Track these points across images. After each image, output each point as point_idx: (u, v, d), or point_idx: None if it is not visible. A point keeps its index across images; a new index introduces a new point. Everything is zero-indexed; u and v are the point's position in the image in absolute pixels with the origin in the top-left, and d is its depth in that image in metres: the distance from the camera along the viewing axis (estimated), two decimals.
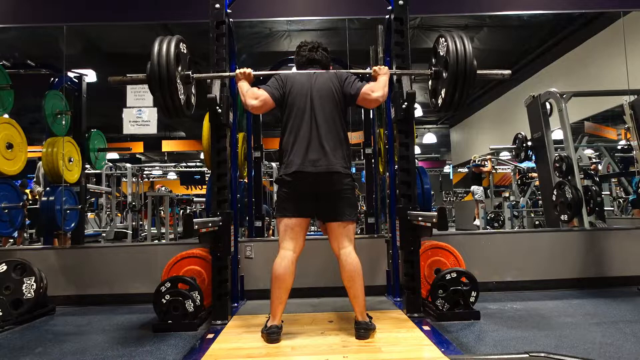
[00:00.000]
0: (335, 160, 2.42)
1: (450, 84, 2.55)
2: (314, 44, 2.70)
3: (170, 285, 2.91)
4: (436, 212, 2.37)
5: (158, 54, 2.44)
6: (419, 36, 6.82)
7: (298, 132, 2.45)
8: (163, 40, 2.50)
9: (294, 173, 2.41)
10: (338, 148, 2.46)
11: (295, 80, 2.55)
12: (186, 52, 2.71)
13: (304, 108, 2.48)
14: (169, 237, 7.05)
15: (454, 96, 2.57)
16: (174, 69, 2.46)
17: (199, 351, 2.26)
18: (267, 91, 2.51)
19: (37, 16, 4.44)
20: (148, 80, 2.49)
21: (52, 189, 4.28)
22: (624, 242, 4.07)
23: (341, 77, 2.57)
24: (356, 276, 2.40)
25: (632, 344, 2.38)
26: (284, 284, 2.39)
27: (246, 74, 2.61)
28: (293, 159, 2.42)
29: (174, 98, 2.50)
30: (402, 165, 3.04)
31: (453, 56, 2.53)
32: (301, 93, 2.50)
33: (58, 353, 2.49)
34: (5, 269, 3.23)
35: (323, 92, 2.50)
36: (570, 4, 4.67)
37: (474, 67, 2.54)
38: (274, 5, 4.53)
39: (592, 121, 6.60)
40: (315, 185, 2.42)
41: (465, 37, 2.59)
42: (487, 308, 3.25)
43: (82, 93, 4.72)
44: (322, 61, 2.68)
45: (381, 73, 2.62)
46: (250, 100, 2.50)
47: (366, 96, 2.50)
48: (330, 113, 2.48)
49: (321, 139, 2.43)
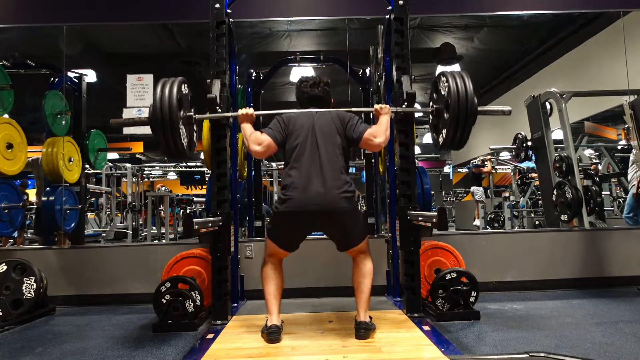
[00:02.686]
0: (337, 197, 2.36)
1: (451, 125, 2.57)
2: (315, 80, 2.68)
3: (170, 285, 2.91)
4: (436, 212, 2.37)
5: (160, 98, 2.45)
6: (419, 36, 6.82)
7: (300, 169, 2.40)
8: (165, 83, 2.52)
9: (294, 213, 2.37)
10: (340, 185, 2.39)
11: (297, 121, 2.51)
12: (188, 92, 2.71)
13: (307, 146, 2.43)
14: (169, 237, 7.05)
15: (455, 136, 2.59)
16: (176, 113, 2.47)
17: (199, 351, 2.26)
18: (270, 135, 2.47)
19: (37, 16, 4.45)
20: (150, 123, 2.49)
21: (52, 189, 4.28)
22: (624, 242, 4.07)
23: (343, 119, 2.53)
24: (367, 274, 2.48)
25: (632, 344, 2.38)
26: (274, 281, 2.46)
27: (248, 115, 2.60)
28: (294, 196, 2.36)
29: (176, 141, 2.50)
30: (402, 165, 3.04)
31: (454, 98, 2.54)
32: (303, 133, 2.46)
33: (58, 353, 2.49)
34: (5, 269, 3.23)
35: (325, 132, 2.47)
36: (570, 4, 4.67)
37: (475, 106, 2.55)
38: (274, 5, 4.53)
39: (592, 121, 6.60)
40: (318, 220, 2.41)
41: (466, 77, 2.60)
42: (487, 308, 3.25)
43: (82, 93, 4.73)
44: (323, 98, 2.66)
45: (383, 113, 2.61)
46: (253, 146, 2.47)
47: (368, 141, 2.48)
48: (332, 151, 2.44)
49: (323, 177, 2.37)
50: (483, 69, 8.60)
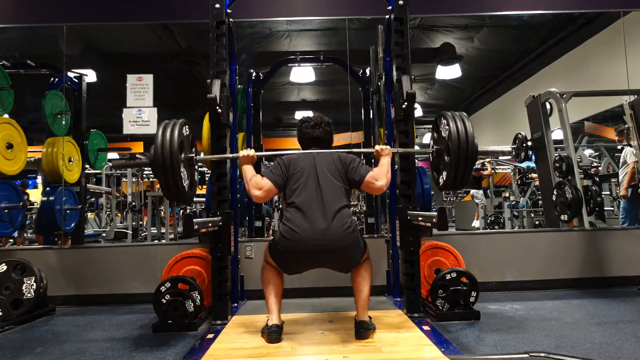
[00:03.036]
0: (341, 234, 2.34)
1: (452, 167, 2.59)
2: (317, 120, 2.66)
3: (170, 285, 2.91)
4: (436, 212, 2.37)
5: (162, 142, 2.45)
6: (419, 36, 6.82)
7: (302, 210, 2.37)
8: (167, 127, 2.51)
9: (295, 252, 2.36)
10: (344, 222, 2.36)
11: (298, 163, 2.49)
12: (189, 133, 2.70)
13: (308, 188, 2.42)
14: (169, 237, 7.05)
15: (456, 178, 2.60)
16: (177, 156, 2.47)
17: (199, 351, 2.26)
18: (270, 179, 2.45)
19: (37, 16, 4.45)
20: (151, 165, 2.49)
21: (52, 189, 4.27)
22: (624, 242, 4.07)
23: (345, 162, 2.52)
24: (367, 275, 2.48)
25: (632, 344, 2.38)
26: (273, 280, 2.46)
27: (249, 157, 2.58)
28: (295, 236, 2.33)
29: (177, 183, 2.49)
30: (402, 165, 3.04)
31: (455, 141, 2.55)
32: (305, 175, 2.45)
33: (58, 353, 2.49)
34: (5, 269, 3.23)
35: (327, 175, 2.45)
36: (570, 4, 4.67)
37: (475, 148, 2.56)
38: (274, 5, 4.53)
39: (592, 121, 6.60)
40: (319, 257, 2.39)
41: (466, 119, 2.62)
42: (487, 308, 3.25)
43: (82, 93, 4.72)
44: (325, 138, 2.66)
45: (383, 154, 2.59)
46: (254, 190, 2.45)
47: (370, 185, 2.46)
48: (334, 193, 2.42)
49: (326, 215, 2.35)
50: (483, 69, 8.60)
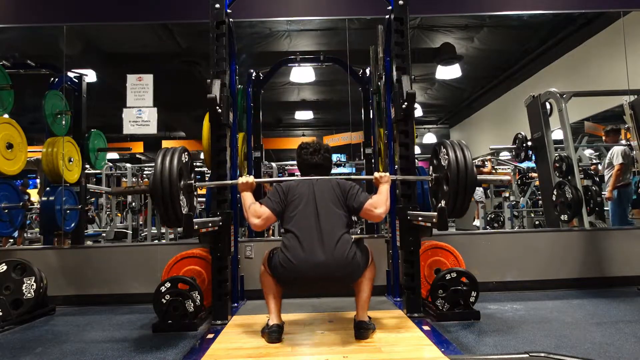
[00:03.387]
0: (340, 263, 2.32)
1: (451, 197, 2.59)
2: (316, 147, 2.66)
3: (170, 285, 2.91)
4: (436, 212, 2.37)
5: (161, 170, 2.43)
6: (419, 36, 6.81)
7: (301, 237, 2.36)
8: (166, 155, 2.50)
9: (293, 279, 2.35)
10: (345, 250, 2.34)
11: (296, 190, 2.49)
12: (188, 160, 2.69)
13: (307, 214, 2.41)
14: (169, 237, 7.05)
15: (455, 207, 2.60)
16: (176, 184, 2.45)
17: (199, 351, 2.26)
18: (269, 207, 2.45)
19: (37, 16, 4.45)
20: (151, 193, 2.47)
21: (52, 189, 4.27)
22: (624, 242, 4.07)
23: (344, 189, 2.51)
24: (369, 276, 2.47)
25: (632, 344, 2.38)
26: (272, 283, 2.44)
27: (248, 183, 2.58)
28: (295, 264, 2.32)
29: (177, 211, 2.47)
30: (402, 165, 3.04)
31: (454, 171, 2.56)
32: (303, 202, 2.44)
33: (58, 353, 2.49)
34: (5, 269, 3.23)
35: (326, 201, 2.45)
36: (570, 4, 4.67)
37: (474, 176, 2.57)
38: (274, 5, 4.53)
39: (592, 121, 6.60)
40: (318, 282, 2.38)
41: (465, 149, 2.63)
42: (487, 308, 3.25)
43: (82, 93, 4.72)
44: (324, 165, 2.66)
45: (383, 182, 2.58)
46: (253, 219, 2.45)
47: (369, 212, 2.46)
48: (333, 219, 2.41)
49: (324, 243, 2.33)
50: (483, 69, 8.60)
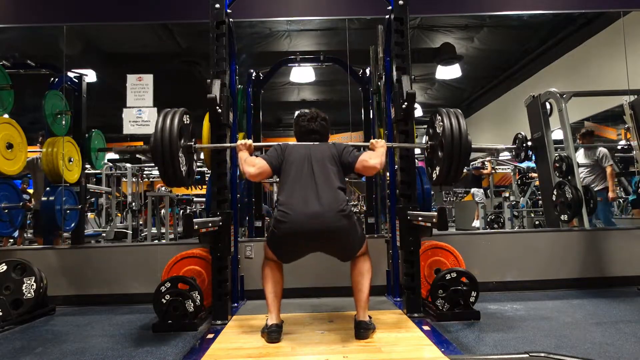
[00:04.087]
0: (334, 215, 2.34)
1: (445, 163, 2.64)
2: (313, 114, 2.70)
3: (170, 285, 2.91)
4: (436, 212, 2.37)
5: (161, 128, 2.48)
6: (419, 36, 6.82)
7: (295, 192, 2.39)
8: (167, 114, 2.55)
9: (291, 234, 2.36)
10: (337, 204, 2.37)
11: (293, 150, 2.56)
12: (189, 123, 2.73)
13: (302, 171, 2.45)
14: (169, 237, 7.05)
15: (449, 174, 2.65)
16: (176, 142, 2.50)
17: (199, 351, 2.26)
18: (266, 160, 2.51)
19: (37, 16, 4.45)
20: (151, 152, 2.52)
21: (52, 189, 4.27)
22: (624, 242, 4.07)
23: (339, 148, 2.58)
24: (365, 273, 2.48)
25: (632, 344, 2.38)
26: (273, 278, 2.47)
27: (247, 145, 2.65)
28: (290, 217, 2.34)
29: (176, 170, 2.53)
30: (402, 165, 3.04)
31: (448, 136, 2.60)
32: (299, 159, 2.49)
33: (58, 353, 2.49)
34: (5, 269, 3.23)
35: (321, 159, 2.50)
36: (570, 4, 4.67)
37: (468, 145, 2.61)
38: (274, 5, 4.53)
39: (592, 121, 6.60)
40: (315, 241, 2.40)
41: (460, 117, 2.66)
42: (487, 308, 3.25)
43: (82, 93, 4.72)
44: (320, 131, 2.69)
45: (378, 146, 2.65)
46: (248, 167, 2.50)
47: (364, 163, 2.50)
48: (328, 175, 2.45)
49: (319, 196, 2.36)
50: (483, 69, 8.60)
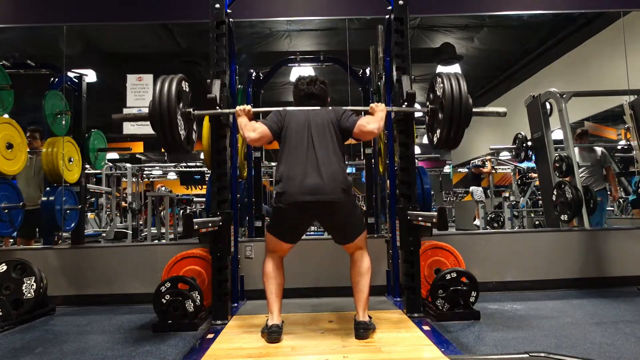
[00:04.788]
0: (334, 187, 2.37)
1: (445, 125, 2.60)
2: (312, 78, 2.72)
3: (170, 285, 2.91)
4: (436, 212, 2.37)
5: (160, 93, 2.49)
6: (419, 36, 6.82)
7: (295, 161, 2.43)
8: (165, 79, 2.56)
9: (291, 204, 2.37)
10: (337, 177, 2.40)
11: (293, 115, 2.57)
12: (188, 90, 2.74)
13: (302, 139, 2.47)
14: (169, 237, 7.05)
15: (450, 136, 2.62)
16: (174, 107, 2.50)
17: (199, 351, 2.26)
18: (266, 125, 2.53)
19: (37, 16, 4.44)
20: (149, 117, 2.52)
21: (52, 189, 4.27)
22: (624, 242, 4.07)
23: (338, 112, 2.58)
24: (365, 272, 2.48)
25: (632, 344, 2.38)
26: (275, 280, 2.47)
27: (246, 110, 2.65)
28: (290, 188, 2.37)
29: (175, 135, 2.53)
30: (402, 165, 3.04)
31: (448, 98, 2.57)
32: (299, 126, 2.51)
33: (58, 353, 2.49)
34: (5, 269, 3.23)
35: (320, 126, 2.51)
36: (570, 4, 4.67)
37: (469, 108, 2.57)
38: (274, 5, 4.53)
39: (592, 121, 6.60)
40: (315, 212, 2.43)
41: (461, 79, 2.62)
42: (487, 308, 3.25)
43: (82, 93, 4.72)
44: (320, 95, 2.69)
45: (378, 110, 2.64)
46: (248, 132, 2.51)
47: (362, 128, 2.51)
48: (327, 144, 2.47)
49: (319, 165, 2.39)
50: (483, 69, 8.60)
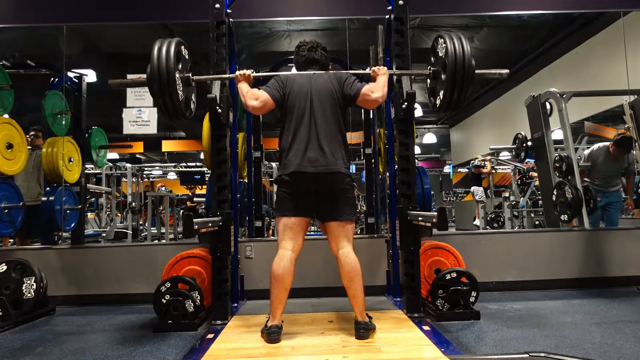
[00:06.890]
0: (335, 160, 2.44)
1: (449, 84, 2.55)
2: (313, 44, 2.72)
3: (170, 285, 2.91)
4: (436, 212, 2.37)
5: (158, 55, 2.45)
6: (419, 36, 6.82)
7: (297, 133, 2.47)
8: (163, 42, 2.51)
9: (293, 173, 2.43)
10: (337, 149, 2.48)
11: (295, 82, 2.57)
12: (187, 56, 2.71)
13: (304, 109, 2.49)
14: (169, 237, 7.05)
15: (453, 96, 2.57)
16: (173, 70, 2.46)
17: (199, 351, 2.26)
18: (268, 92, 2.53)
19: (37, 16, 4.44)
20: (148, 81, 2.49)
21: (52, 189, 4.27)
22: (624, 242, 4.07)
23: (340, 78, 2.58)
24: (355, 276, 2.41)
25: (632, 344, 2.38)
26: (282, 284, 2.39)
27: (246, 75, 2.62)
28: (292, 159, 2.44)
29: (174, 99, 2.49)
30: (402, 165, 3.04)
31: (452, 57, 2.52)
32: (301, 94, 2.52)
33: (58, 353, 2.49)
34: (5, 269, 3.23)
35: (322, 93, 2.52)
36: (570, 4, 4.67)
37: (472, 67, 2.54)
38: (274, 5, 4.53)
39: (592, 121, 6.60)
40: (315, 185, 2.44)
41: (463, 38, 2.58)
42: (487, 308, 3.25)
43: (82, 93, 4.72)
44: (321, 61, 2.69)
45: (380, 73, 2.63)
46: (250, 101, 2.51)
47: (366, 97, 2.52)
48: (329, 114, 2.50)
49: (320, 139, 2.45)
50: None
